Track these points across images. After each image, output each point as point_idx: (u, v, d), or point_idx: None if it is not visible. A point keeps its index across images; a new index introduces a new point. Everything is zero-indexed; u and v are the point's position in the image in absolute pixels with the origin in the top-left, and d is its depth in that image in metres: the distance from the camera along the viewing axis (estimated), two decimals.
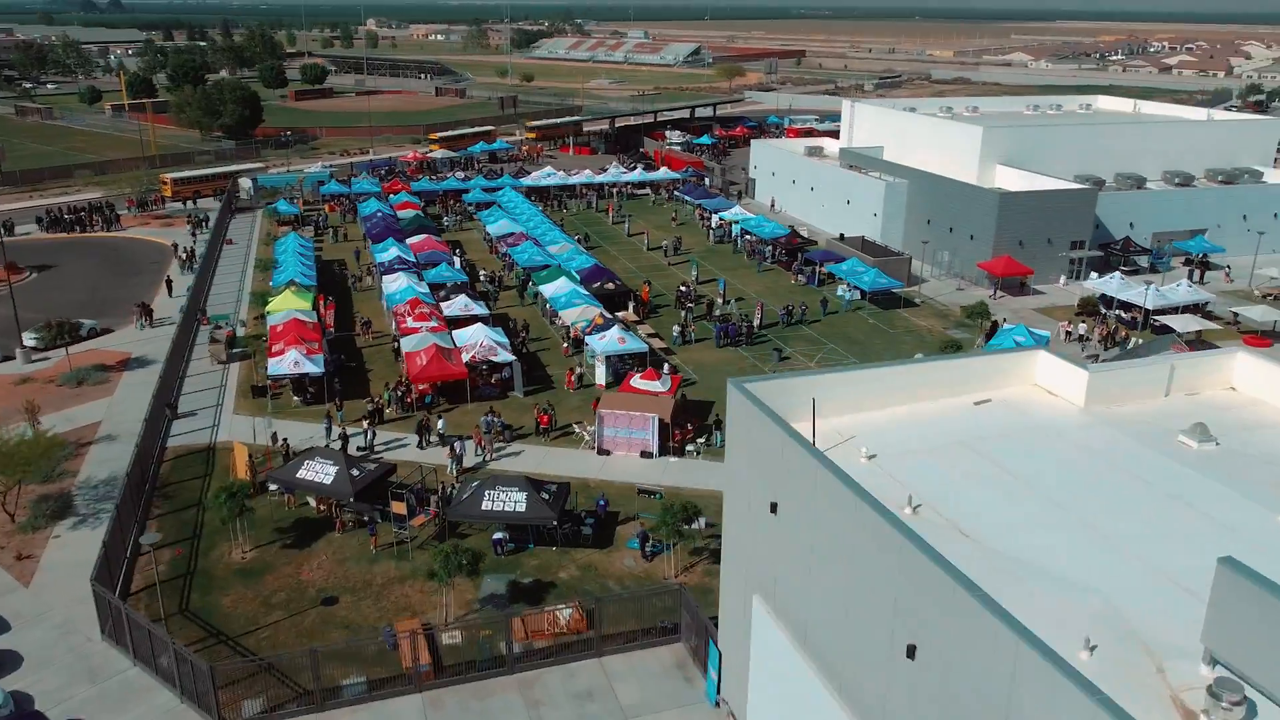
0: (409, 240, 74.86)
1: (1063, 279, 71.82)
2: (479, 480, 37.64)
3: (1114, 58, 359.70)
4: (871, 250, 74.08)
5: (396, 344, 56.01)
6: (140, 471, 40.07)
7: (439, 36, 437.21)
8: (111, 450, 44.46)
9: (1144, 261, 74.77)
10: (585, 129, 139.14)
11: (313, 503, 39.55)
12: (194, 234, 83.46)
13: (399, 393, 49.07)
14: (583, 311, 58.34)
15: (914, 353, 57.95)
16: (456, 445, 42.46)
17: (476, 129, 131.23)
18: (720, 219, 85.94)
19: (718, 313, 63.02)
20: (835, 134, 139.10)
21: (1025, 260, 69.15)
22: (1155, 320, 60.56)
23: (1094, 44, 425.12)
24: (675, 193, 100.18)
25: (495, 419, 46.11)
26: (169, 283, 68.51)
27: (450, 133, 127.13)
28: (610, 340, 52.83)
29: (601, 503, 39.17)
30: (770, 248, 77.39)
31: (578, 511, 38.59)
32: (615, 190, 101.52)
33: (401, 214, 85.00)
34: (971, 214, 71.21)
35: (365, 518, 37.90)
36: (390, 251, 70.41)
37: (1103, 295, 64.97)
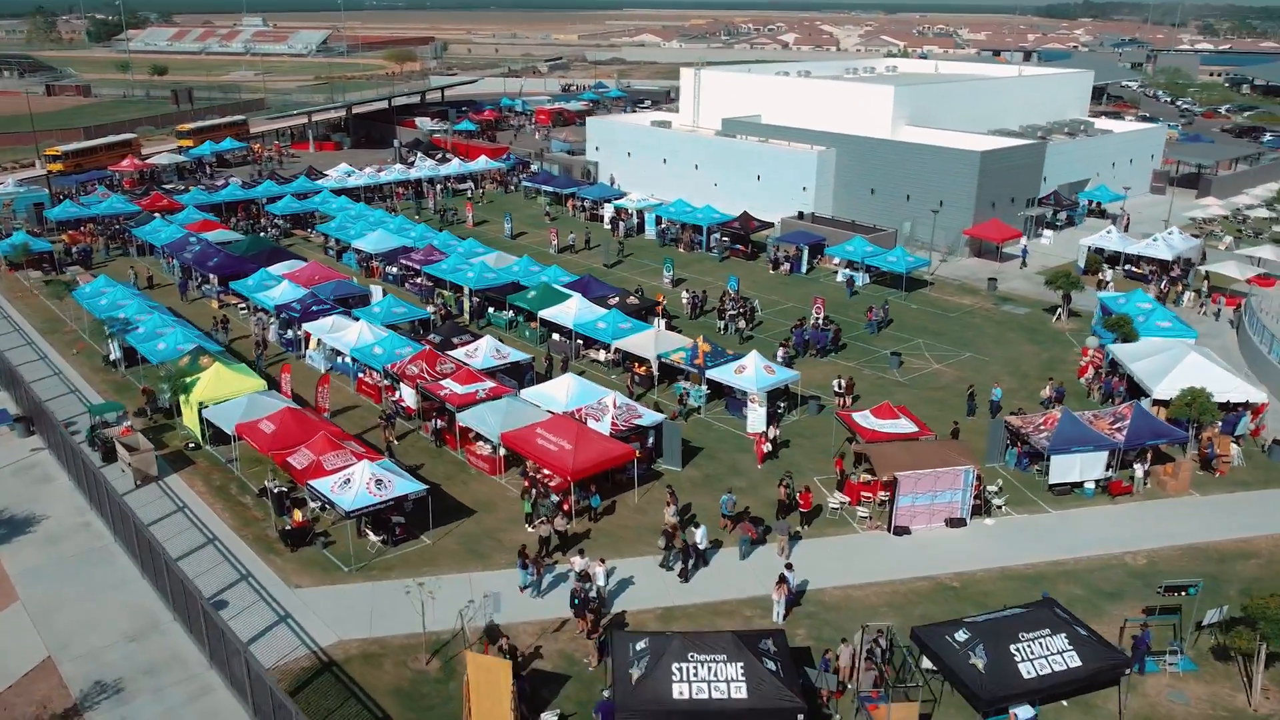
0: (276, 269, 53.29)
1: (1024, 239, 68.19)
2: (964, 630, 23.23)
3: (723, 37, 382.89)
4: (835, 227, 65.34)
5: (439, 425, 37.58)
6: None
7: None
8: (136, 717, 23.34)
9: (1062, 215, 73.54)
10: (255, 128, 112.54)
11: None
12: None
13: (554, 499, 31.78)
14: (655, 337, 43.42)
15: (1005, 336, 50.30)
16: (788, 574, 27.14)
17: (114, 138, 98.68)
18: (616, 209, 72.42)
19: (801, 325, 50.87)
20: (586, 114, 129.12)
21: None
22: (1181, 272, 58.31)
23: (691, 27, 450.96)
24: (523, 182, 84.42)
25: (733, 498, 31.61)
26: None
27: (78, 144, 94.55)
28: (756, 372, 38.92)
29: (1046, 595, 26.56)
30: (718, 236, 65.77)
31: None
32: (440, 186, 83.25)
33: (209, 236, 61.49)
34: (941, 178, 64.88)
35: None
36: (280, 290, 49.09)
37: (1098, 249, 61.66)
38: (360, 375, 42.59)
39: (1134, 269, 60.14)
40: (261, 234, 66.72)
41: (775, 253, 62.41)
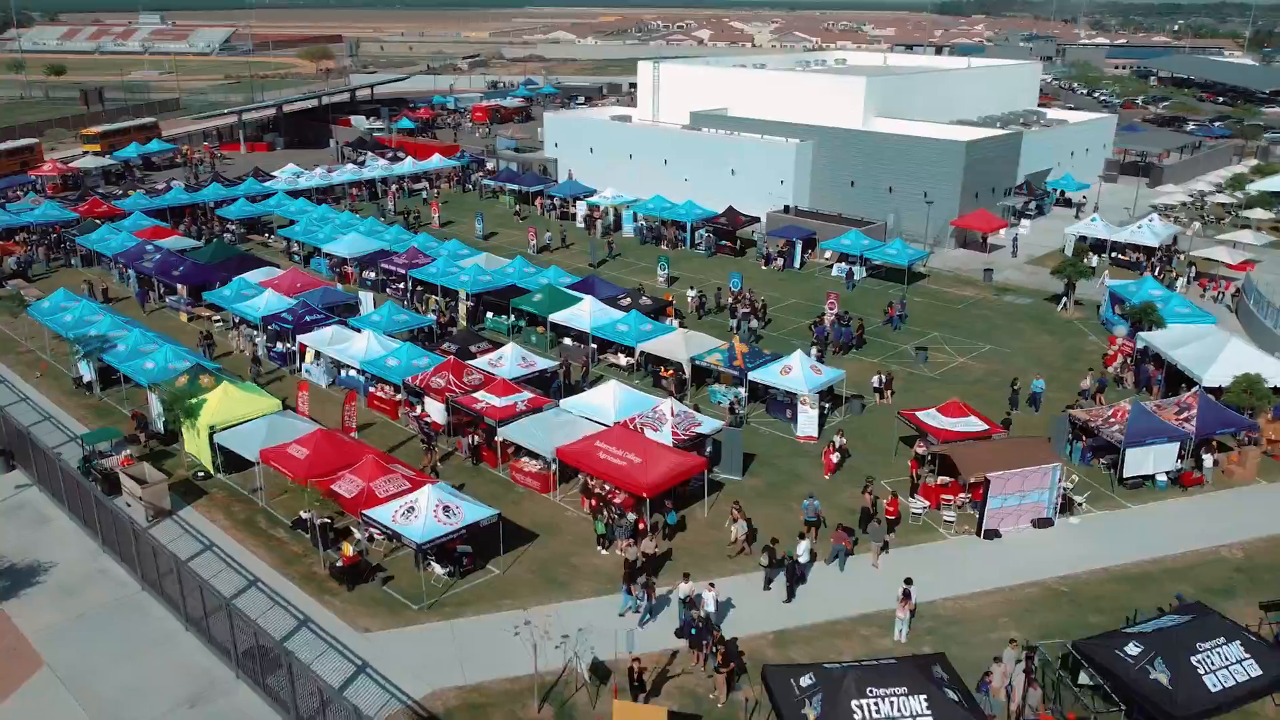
0: (253, 277, 49.39)
1: (1003, 230, 68.14)
2: (1135, 643, 21.67)
3: (636, 34, 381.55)
4: (822, 221, 64.21)
5: (474, 441, 34.81)
6: None
7: None
8: None
9: (1033, 205, 73.91)
10: (178, 129, 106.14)
11: None
12: None
13: (629, 520, 29.43)
14: (683, 338, 41.33)
15: (1016, 327, 49.69)
16: (910, 588, 25.40)
17: (12, 144, 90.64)
18: (590, 206, 69.99)
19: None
20: (521, 110, 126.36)
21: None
22: (1167, 258, 58.89)
23: (602, 24, 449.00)
24: (483, 180, 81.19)
25: (815, 503, 30.07)
26: None
27: None
28: (804, 373, 37.22)
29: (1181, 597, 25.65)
30: (704, 232, 63.94)
31: None
32: (396, 186, 79.43)
33: (163, 244, 56.91)
34: (925, 169, 64.25)
35: None
36: (264, 299, 45.38)
37: (1083, 237, 61.80)
38: (371, 389, 39.44)
39: (1120, 256, 60.51)
40: (220, 239, 62.23)
41: (766, 248, 60.89)
